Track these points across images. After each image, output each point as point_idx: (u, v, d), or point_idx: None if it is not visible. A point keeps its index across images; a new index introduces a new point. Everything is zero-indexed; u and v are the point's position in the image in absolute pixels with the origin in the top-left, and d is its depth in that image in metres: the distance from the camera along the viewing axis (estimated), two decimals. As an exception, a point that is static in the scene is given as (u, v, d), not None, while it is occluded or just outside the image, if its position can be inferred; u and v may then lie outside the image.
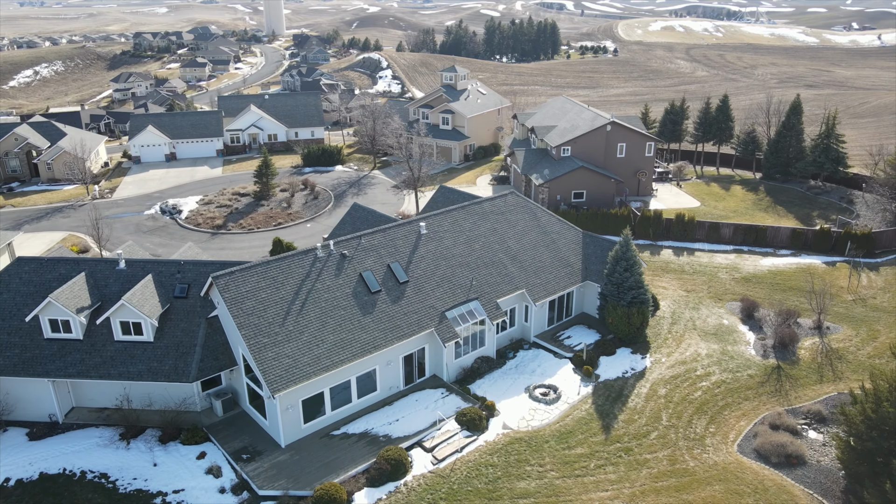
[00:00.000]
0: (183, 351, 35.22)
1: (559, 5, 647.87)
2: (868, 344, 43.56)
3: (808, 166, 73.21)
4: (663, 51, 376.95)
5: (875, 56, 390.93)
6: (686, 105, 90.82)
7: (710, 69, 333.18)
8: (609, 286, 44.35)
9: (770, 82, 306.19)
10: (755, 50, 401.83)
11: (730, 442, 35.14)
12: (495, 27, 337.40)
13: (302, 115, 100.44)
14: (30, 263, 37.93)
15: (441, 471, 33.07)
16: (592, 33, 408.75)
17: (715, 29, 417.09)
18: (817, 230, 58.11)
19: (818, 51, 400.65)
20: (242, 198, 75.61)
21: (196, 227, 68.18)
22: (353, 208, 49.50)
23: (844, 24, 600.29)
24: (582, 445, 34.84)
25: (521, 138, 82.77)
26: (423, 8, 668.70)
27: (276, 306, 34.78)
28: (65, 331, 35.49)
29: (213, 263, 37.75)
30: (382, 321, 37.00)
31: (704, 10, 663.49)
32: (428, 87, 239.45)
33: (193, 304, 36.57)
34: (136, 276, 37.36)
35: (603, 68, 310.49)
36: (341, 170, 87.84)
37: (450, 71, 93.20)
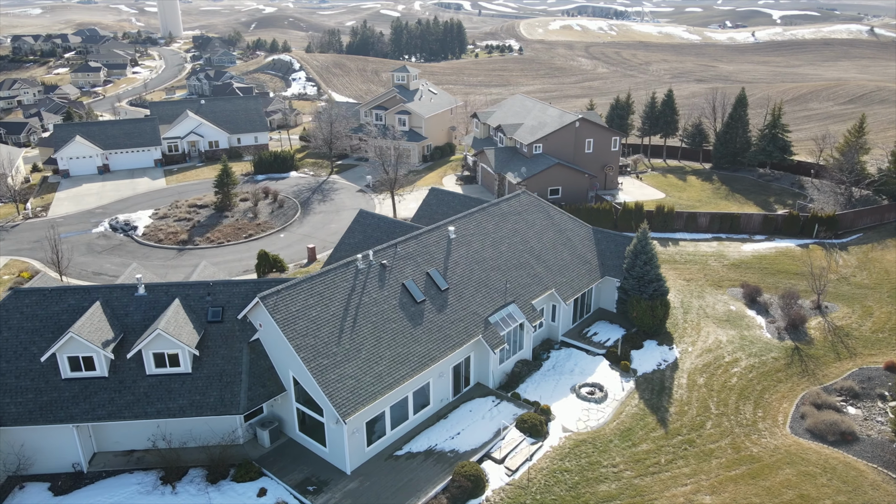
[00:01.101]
0: (227, 380, 32.26)
1: (457, 5, 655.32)
2: (866, 320, 46.43)
3: (757, 155, 77.45)
4: (564, 49, 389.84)
5: (751, 52, 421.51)
6: (631, 100, 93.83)
7: (609, 66, 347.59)
8: (629, 280, 44.84)
9: (664, 77, 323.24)
10: (646, 47, 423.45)
11: (780, 424, 36.31)
12: (402, 27, 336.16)
13: (243, 120, 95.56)
14: (30, 295, 33.52)
15: (518, 482, 32.12)
16: (496, 32, 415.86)
17: (609, 28, 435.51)
18: (786, 215, 61.47)
19: (702, 47, 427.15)
20: (201, 209, 70.89)
21: (158, 243, 63.20)
22: (360, 215, 47.35)
23: (719, 22, 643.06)
24: (645, 442, 34.90)
25: (483, 137, 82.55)
26: (321, 8, 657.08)
27: (328, 324, 32.54)
28: (87, 368, 31.63)
29: (245, 283, 34.86)
30: (433, 332, 35.51)
31: (594, 10, 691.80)
32: (344, 88, 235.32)
33: (231, 329, 33.59)
34: (160, 301, 33.88)
35: (511, 66, 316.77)
36: (297, 176, 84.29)
37: (401, 71, 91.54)
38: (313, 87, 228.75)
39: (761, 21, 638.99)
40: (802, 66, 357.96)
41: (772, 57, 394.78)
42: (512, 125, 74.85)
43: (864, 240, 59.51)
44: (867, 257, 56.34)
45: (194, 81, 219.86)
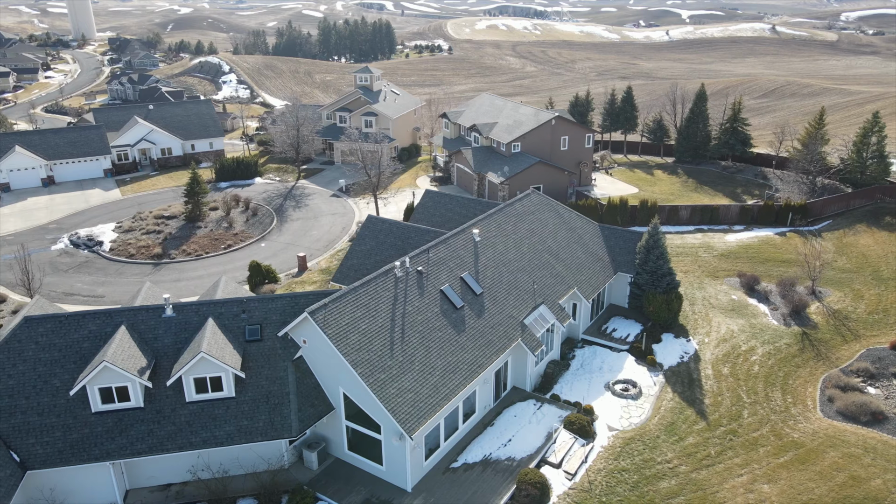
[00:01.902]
0: (275, 402, 30.32)
1: (379, 5, 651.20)
2: (859, 303, 48.73)
3: (720, 148, 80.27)
4: (492, 48, 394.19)
5: (667, 49, 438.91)
6: (591, 98, 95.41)
7: (537, 64, 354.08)
8: (643, 275, 45.39)
9: (590, 75, 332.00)
10: (570, 46, 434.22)
11: (811, 409, 37.47)
12: (330, 28, 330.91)
13: (196, 125, 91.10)
14: (44, 323, 30.43)
15: (580, 485, 31.75)
16: (424, 32, 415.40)
17: (534, 27, 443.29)
18: (762, 205, 63.90)
19: (621, 46, 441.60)
20: (170, 221, 66.97)
21: (129, 258, 59.23)
22: (370, 220, 45.77)
23: (633, 21, 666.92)
24: (690, 435, 35.23)
25: (454, 137, 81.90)
26: (239, 9, 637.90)
27: (378, 336, 31.13)
28: (120, 399, 29.00)
29: (281, 298, 32.87)
30: (476, 338, 34.63)
31: (514, 10, 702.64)
32: (278, 90, 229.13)
33: (272, 347, 31.59)
34: (191, 322, 31.49)
35: (442, 66, 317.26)
36: (263, 182, 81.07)
37: (364, 72, 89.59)
38: (246, 89, 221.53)
39: (672, 20, 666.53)
40: (714, 63, 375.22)
41: (686, 54, 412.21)
42: (487, 124, 74.54)
43: (835, 226, 62.60)
44: (842, 242, 59.26)
45: (116, 86, 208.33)
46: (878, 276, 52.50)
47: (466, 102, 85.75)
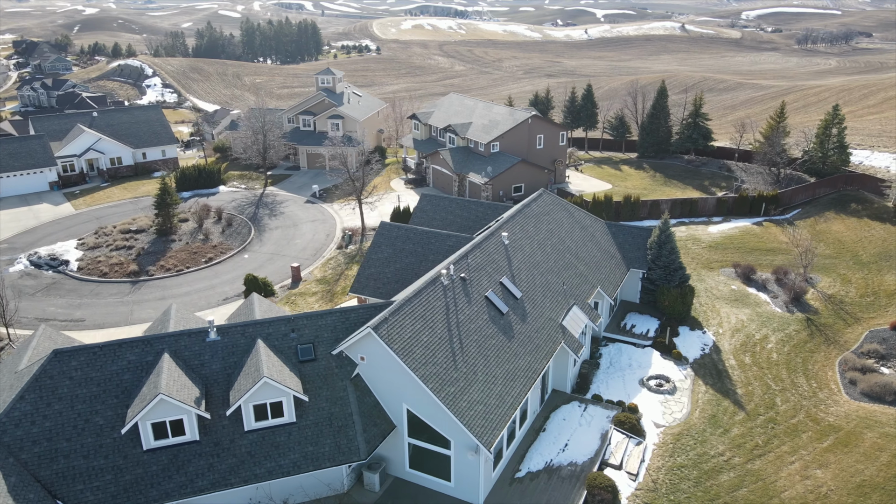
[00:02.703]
0: (339, 424, 28.67)
1: (298, 5, 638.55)
2: (848, 287, 51.15)
3: (683, 142, 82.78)
4: (420, 48, 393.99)
5: (587, 48, 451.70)
6: (550, 95, 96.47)
7: (465, 63, 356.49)
8: (656, 270, 46.03)
9: (517, 74, 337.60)
10: (495, 45, 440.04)
11: (836, 391, 38.91)
12: (254, 28, 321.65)
13: (146, 132, 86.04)
14: (77, 356, 27.59)
15: (645, 485, 31.69)
16: (350, 32, 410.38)
17: (458, 27, 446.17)
18: (737, 197, 66.25)
19: (544, 44, 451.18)
20: (139, 235, 62.84)
21: (102, 276, 55.13)
22: (383, 227, 44.24)
23: (551, 20, 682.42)
24: (734, 427, 35.85)
25: (424, 138, 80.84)
26: (149, 9, 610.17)
27: (440, 348, 30.00)
28: (174, 434, 26.67)
29: (330, 314, 31.12)
30: (525, 344, 34.01)
31: (435, 10, 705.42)
32: (207, 94, 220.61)
33: (327, 366, 29.86)
34: (238, 345, 29.34)
35: (373, 66, 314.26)
36: (228, 190, 77.42)
37: (326, 74, 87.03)
38: (172, 93, 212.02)
39: (588, 19, 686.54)
40: (633, 60, 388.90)
41: (605, 52, 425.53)
42: (462, 125, 73.94)
43: (804, 214, 65.65)
44: (815, 230, 62.18)
45: (28, 92, 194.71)
46: (858, 260, 55.32)
47: (434, 103, 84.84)
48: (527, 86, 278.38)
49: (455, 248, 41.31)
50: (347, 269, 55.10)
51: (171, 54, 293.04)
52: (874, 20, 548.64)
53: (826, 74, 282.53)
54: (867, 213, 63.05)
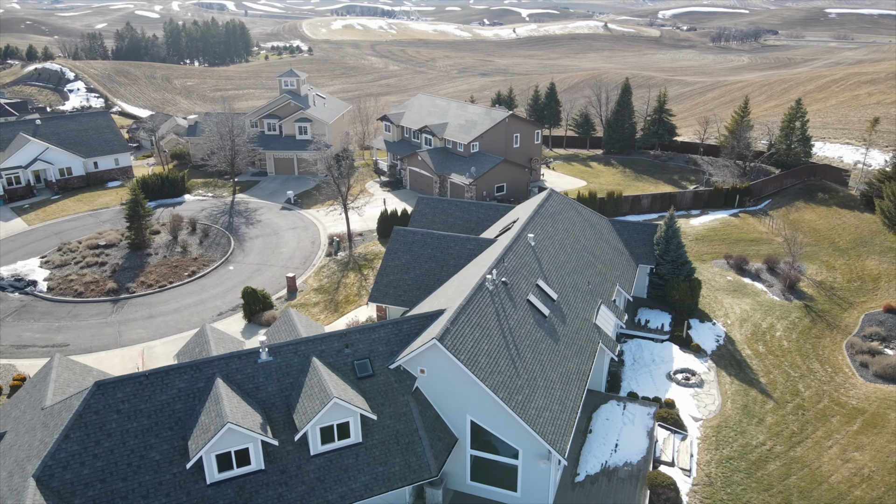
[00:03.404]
0: (406, 441, 27.44)
1: (220, 5, 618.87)
2: (834, 273, 53.41)
3: (650, 138, 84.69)
4: (352, 48, 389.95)
5: (516, 47, 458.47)
6: (512, 95, 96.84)
7: (399, 63, 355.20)
8: (665, 265, 46.71)
9: (452, 73, 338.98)
10: (426, 45, 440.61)
11: (850, 375, 40.41)
12: (179, 29, 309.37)
13: (96, 140, 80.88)
14: (122, 387, 25.25)
15: (700, 480, 31.92)
16: (279, 33, 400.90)
17: (389, 26, 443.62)
18: (712, 190, 68.22)
19: (474, 44, 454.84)
20: (109, 249, 58.87)
21: (78, 296, 51.32)
22: (397, 233, 42.91)
23: (478, 19, 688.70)
24: (767, 416, 36.65)
25: (396, 140, 79.47)
26: (58, 9, 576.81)
27: (500, 356, 29.21)
28: (240, 464, 24.81)
29: (382, 327, 29.76)
30: (570, 346, 33.65)
31: (362, 10, 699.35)
32: (135, 98, 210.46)
33: (387, 381, 28.54)
34: (292, 364, 27.63)
35: (306, 67, 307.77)
36: (194, 199, 73.72)
37: (289, 76, 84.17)
38: (98, 98, 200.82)
39: (513, 19, 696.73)
40: (561, 59, 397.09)
41: (534, 51, 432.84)
42: (439, 125, 73.08)
43: (776, 205, 68.30)
44: (789, 219, 64.75)
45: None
46: (836, 247, 57.88)
47: (404, 104, 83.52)
48: (462, 85, 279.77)
49: (476, 252, 40.64)
50: (344, 278, 53.36)
51: (92, 57, 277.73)
52: (779, 18, 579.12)
53: (741, 70, 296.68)
54: (835, 202, 66.16)
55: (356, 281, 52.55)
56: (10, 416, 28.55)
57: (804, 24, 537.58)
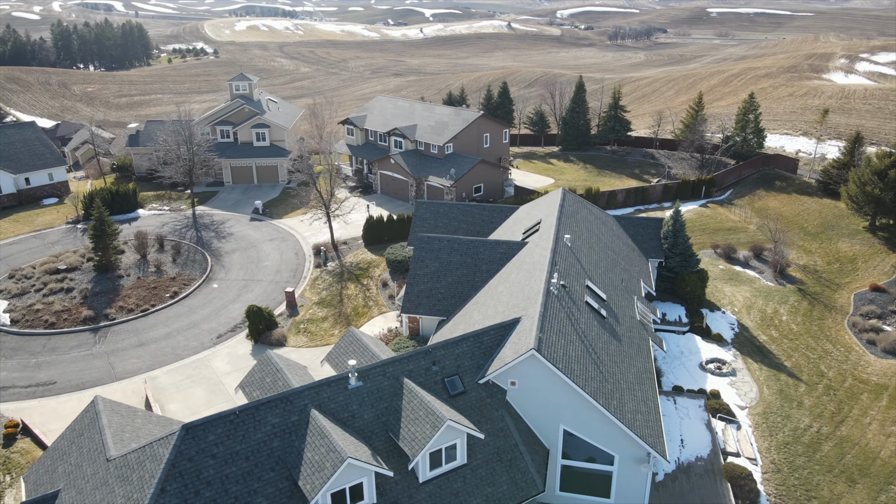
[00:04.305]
0: (508, 458, 26.26)
1: (107, 6, 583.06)
2: (813, 257, 56.34)
3: (607, 133, 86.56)
4: (259, 50, 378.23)
5: (425, 46, 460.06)
6: (465, 94, 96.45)
7: (310, 65, 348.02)
8: (674, 258, 47.63)
9: (365, 74, 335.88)
10: (335, 45, 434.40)
11: (861, 352, 42.58)
12: (70, 31, 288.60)
13: (26, 154, 73.51)
14: (212, 429, 22.63)
15: (767, 468, 32.56)
16: (179, 35, 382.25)
17: (295, 27, 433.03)
18: (680, 182, 70.51)
19: (383, 44, 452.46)
20: (72, 273, 53.57)
21: (49, 327, 46.35)
22: (421, 240, 41.27)
23: (382, 19, 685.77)
24: (804, 399, 37.96)
25: (360, 143, 77.12)
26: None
27: (585, 360, 28.56)
28: (354, 500, 22.85)
29: (463, 341, 28.33)
30: (631, 345, 33.50)
31: (262, 10, 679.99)
32: (31, 107, 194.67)
33: (478, 397, 27.20)
34: (383, 388, 25.80)
35: (214, 70, 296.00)
36: (149, 214, 68.47)
37: (241, 80, 79.72)
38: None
39: (418, 18, 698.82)
40: (470, 58, 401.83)
41: (443, 50, 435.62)
42: (409, 127, 71.51)
43: (738, 194, 71.46)
44: (755, 207, 67.90)
45: None
46: (807, 232, 61.16)
47: (364, 106, 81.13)
48: (377, 85, 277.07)
49: (507, 255, 39.80)
50: (344, 289, 51.03)
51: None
52: (667, 17, 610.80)
53: (640, 67, 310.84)
54: (793, 189, 70.00)
55: (358, 292, 50.39)
56: (57, 471, 25.10)
57: (689, 23, 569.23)
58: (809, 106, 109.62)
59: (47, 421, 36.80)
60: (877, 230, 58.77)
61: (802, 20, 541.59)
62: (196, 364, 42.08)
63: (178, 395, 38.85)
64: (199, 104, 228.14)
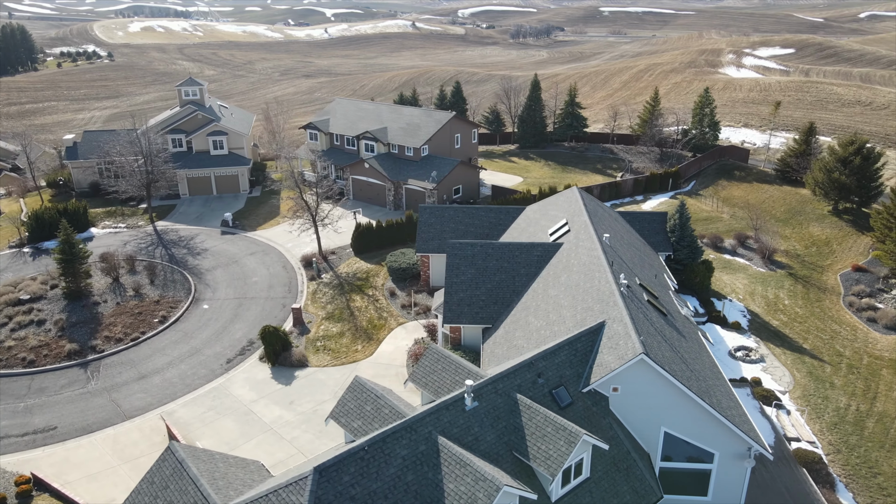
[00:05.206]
0: (624, 466, 25.55)
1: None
2: (790, 242, 59.15)
3: (564, 130, 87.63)
4: (158, 52, 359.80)
5: (331, 47, 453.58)
6: (417, 95, 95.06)
7: (215, 67, 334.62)
8: (683, 250, 48.63)
9: (274, 76, 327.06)
10: (238, 47, 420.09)
11: (866, 330, 44.92)
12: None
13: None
14: (345, 468, 20.47)
15: (827, 449, 33.57)
16: (67, 37, 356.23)
17: (194, 28, 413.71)
18: (649, 175, 72.36)
19: (288, 45, 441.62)
20: (38, 304, 48.13)
21: (29, 365, 41.43)
22: (453, 247, 39.74)
23: (282, 20, 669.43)
24: (834, 378, 39.47)
25: (325, 148, 74.13)
26: None
27: (675, 358, 28.32)
28: (501, 531, 21.40)
29: (560, 350, 27.30)
30: (691, 341, 33.62)
31: (151, 10, 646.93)
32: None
33: (585, 406, 26.30)
34: (499, 407, 24.42)
35: (111, 75, 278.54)
36: (104, 233, 62.67)
37: (190, 85, 74.47)
38: None
39: (319, 18, 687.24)
40: (379, 58, 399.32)
41: (350, 51, 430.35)
42: (379, 130, 69.37)
43: (702, 185, 74.16)
44: (721, 197, 70.66)
45: None
46: (776, 217, 64.20)
47: (324, 110, 77.98)
48: (288, 87, 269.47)
49: (544, 258, 39.08)
50: (350, 301, 48.66)
51: None
52: (563, 16, 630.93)
53: (546, 64, 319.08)
54: (753, 178, 73.42)
55: (367, 303, 48.18)
56: (146, 533, 22.06)
57: (585, 21, 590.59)
58: (736, 99, 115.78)
59: (61, 472, 32.74)
60: (841, 214, 62.53)
61: (686, 18, 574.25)
62: (214, 393, 38.74)
63: (206, 429, 35.57)
64: (100, 111, 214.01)
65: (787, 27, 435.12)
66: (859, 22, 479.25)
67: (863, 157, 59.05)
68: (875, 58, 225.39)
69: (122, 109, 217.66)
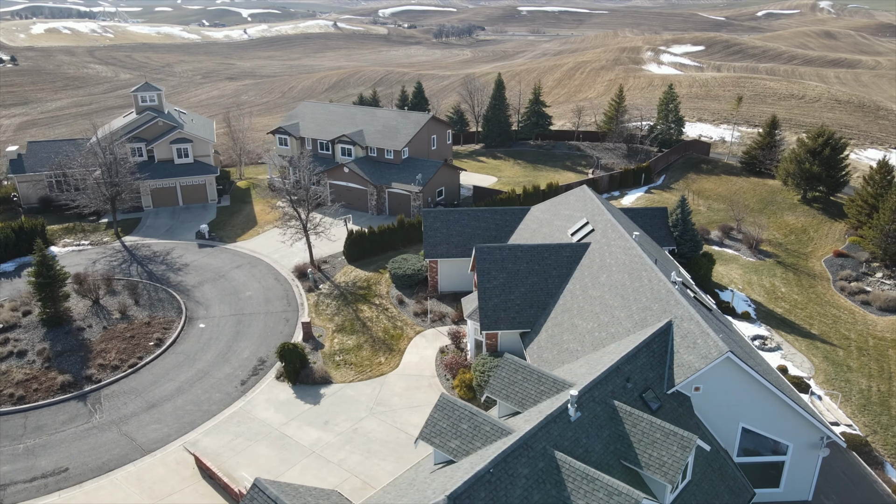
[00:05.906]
0: (717, 465, 25.33)
1: None
2: (771, 231, 61.27)
3: (530, 129, 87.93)
4: (66, 55, 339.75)
5: (252, 48, 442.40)
6: (378, 96, 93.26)
7: (131, 71, 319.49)
8: (686, 244, 49.47)
9: (196, 78, 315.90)
10: (154, 49, 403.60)
11: (862, 313, 46.97)
12: None
13: None
14: (475, 493, 19.30)
15: (864, 430, 34.70)
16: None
17: (103, 30, 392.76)
18: (623, 171, 73.53)
19: (206, 46, 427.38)
20: (13, 333, 43.78)
21: (19, 402, 37.64)
22: (481, 252, 38.71)
23: (196, 20, 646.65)
24: (849, 362, 40.97)
25: (297, 153, 71.30)
26: None
27: (745, 354, 28.47)
28: (632, 545, 20.71)
29: (639, 353, 26.85)
30: (730, 332, 34.02)
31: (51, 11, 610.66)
32: None
33: (672, 407, 25.97)
34: (598, 415, 23.72)
35: (18, 81, 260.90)
36: (66, 251, 57.82)
37: (148, 90, 69.76)
38: None
39: (234, 19, 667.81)
40: (303, 59, 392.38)
41: (272, 52, 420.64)
42: (356, 133, 67.36)
43: (672, 179, 75.99)
44: (693, 190, 72.59)
45: None
46: (749, 207, 66.36)
47: (290, 114, 74.92)
48: (212, 91, 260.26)
49: (574, 258, 38.74)
50: (358, 312, 46.82)
51: None
52: (483, 15, 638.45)
53: (471, 63, 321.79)
54: (720, 171, 75.84)
55: (377, 313, 46.48)
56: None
57: (504, 21, 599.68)
58: (683, 94, 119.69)
59: (89, 519, 29.73)
60: (811, 202, 65.42)
61: (600, 17, 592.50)
62: (237, 418, 36.27)
63: (240, 458, 33.19)
64: (9, 119, 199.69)
65: (694, 25, 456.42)
66: (758, 20, 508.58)
67: (831, 148, 61.99)
68: (776, 53, 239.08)
69: (33, 117, 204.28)
